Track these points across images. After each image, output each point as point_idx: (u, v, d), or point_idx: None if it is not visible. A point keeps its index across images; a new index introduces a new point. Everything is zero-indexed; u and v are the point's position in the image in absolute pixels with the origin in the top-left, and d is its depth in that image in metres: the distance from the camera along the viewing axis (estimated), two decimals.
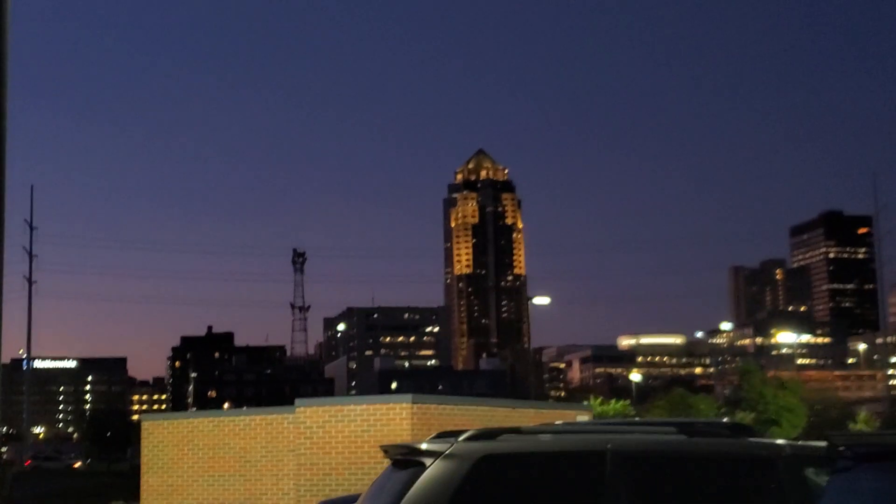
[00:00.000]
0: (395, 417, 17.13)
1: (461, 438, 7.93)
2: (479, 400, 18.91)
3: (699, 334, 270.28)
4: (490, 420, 18.66)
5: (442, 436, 8.53)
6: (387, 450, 8.58)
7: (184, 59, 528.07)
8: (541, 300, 58.58)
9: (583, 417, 20.89)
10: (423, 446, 8.02)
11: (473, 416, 18.31)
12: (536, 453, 7.76)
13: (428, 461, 7.76)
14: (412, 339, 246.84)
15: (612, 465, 7.52)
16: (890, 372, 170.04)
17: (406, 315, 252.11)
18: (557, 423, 11.72)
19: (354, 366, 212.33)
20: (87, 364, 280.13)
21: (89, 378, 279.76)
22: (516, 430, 8.13)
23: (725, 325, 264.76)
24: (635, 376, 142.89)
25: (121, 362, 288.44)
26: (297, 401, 18.34)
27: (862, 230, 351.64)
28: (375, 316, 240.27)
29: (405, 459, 8.18)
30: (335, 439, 17.61)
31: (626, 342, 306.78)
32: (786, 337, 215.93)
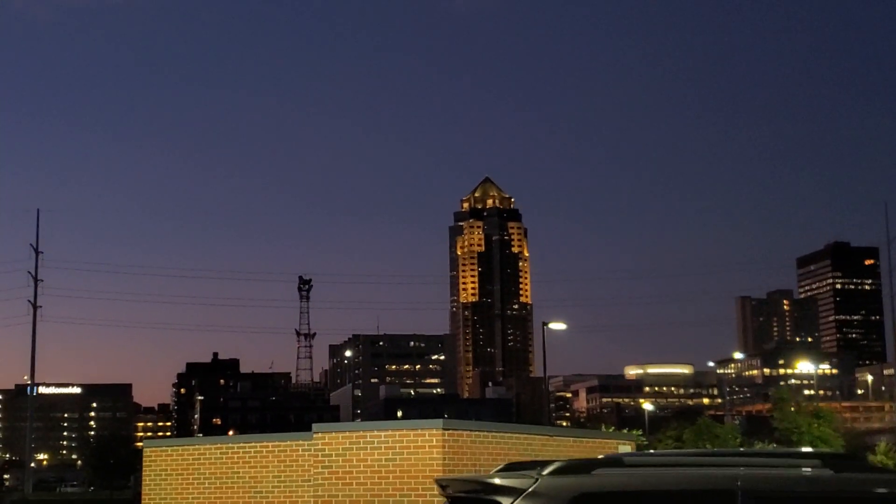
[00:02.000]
0: (423, 445, 15.42)
1: (546, 472, 6.23)
2: (514, 427, 17.19)
3: (710, 364, 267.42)
4: (527, 450, 16.98)
5: (512, 468, 6.80)
6: (445, 484, 6.87)
7: (194, 81, 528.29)
8: (557, 325, 56.93)
9: (625, 448, 19.18)
10: (498, 481, 6.33)
11: (509, 444, 16.62)
12: (647, 493, 6.02)
13: (505, 501, 6.07)
14: (417, 366, 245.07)
15: None
16: None
17: (412, 343, 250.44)
18: (652, 451, 9.97)
19: (360, 393, 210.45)
20: (91, 390, 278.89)
21: (94, 404, 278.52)
22: (616, 462, 6.40)
23: (738, 355, 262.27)
24: (648, 406, 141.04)
25: (126, 388, 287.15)
26: (314, 426, 16.64)
27: (868, 261, 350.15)
28: (381, 343, 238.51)
29: (471, 498, 6.49)
30: (357, 469, 15.90)
31: (632, 372, 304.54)
32: (805, 366, 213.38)
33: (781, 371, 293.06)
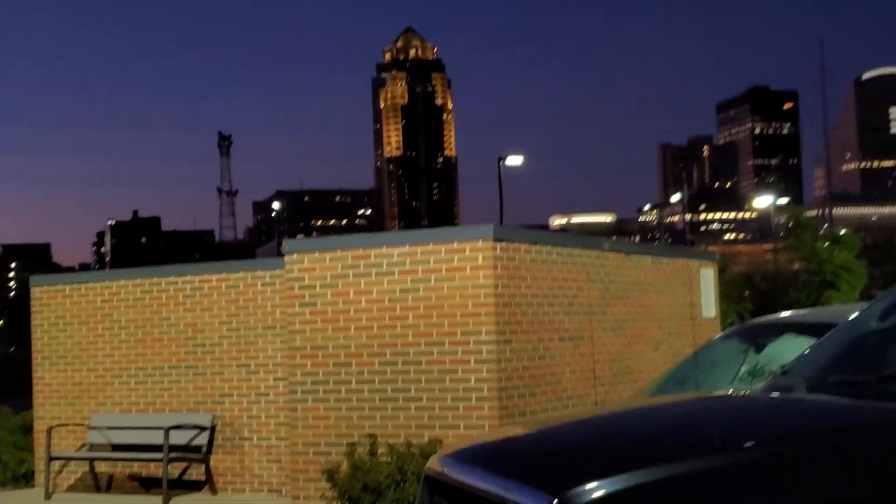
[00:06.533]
0: (463, 265, 9.83)
1: None
2: (583, 241, 11.73)
3: (647, 207, 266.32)
4: (601, 270, 11.51)
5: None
6: None
7: None
8: (514, 159, 51.32)
9: (707, 271, 13.86)
10: None
11: (578, 264, 11.12)
12: None
13: None
14: (344, 221, 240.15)
15: None
16: None
17: (337, 198, 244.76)
18: None
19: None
20: (9, 250, 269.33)
21: (12, 265, 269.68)
22: None
23: (675, 197, 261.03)
24: None
25: (44, 248, 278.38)
26: (285, 244, 10.92)
27: (787, 105, 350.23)
28: (306, 199, 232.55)
29: None
30: (354, 306, 10.30)
31: (557, 222, 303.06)
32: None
33: (703, 216, 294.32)
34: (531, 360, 10.23)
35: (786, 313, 7.74)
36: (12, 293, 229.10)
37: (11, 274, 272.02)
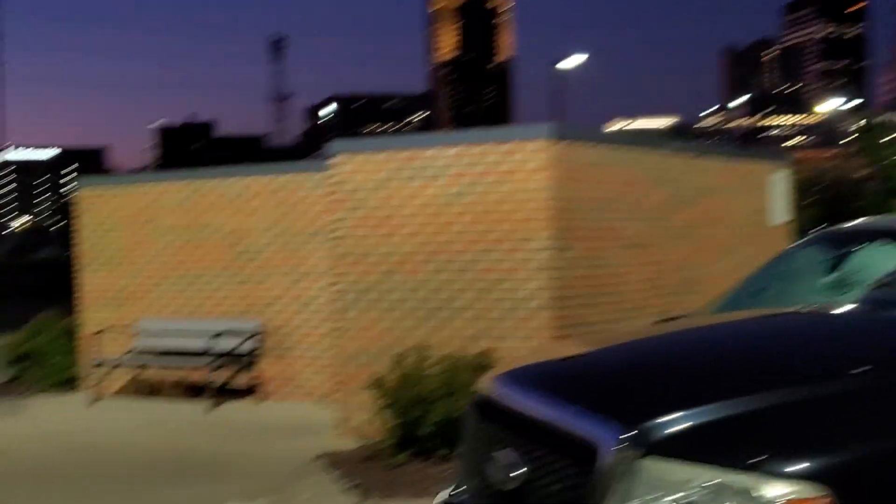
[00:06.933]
0: (519, 167, 9.21)
1: None
2: (645, 140, 10.99)
3: (712, 108, 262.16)
4: (665, 175, 10.84)
5: None
6: None
7: None
8: (573, 60, 49.84)
9: (778, 174, 13.11)
10: None
11: (643, 167, 10.45)
12: None
13: None
14: (397, 127, 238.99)
15: None
16: None
17: (390, 102, 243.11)
18: None
19: None
20: (67, 154, 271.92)
21: (70, 168, 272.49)
22: None
23: (734, 103, 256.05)
24: None
25: (100, 153, 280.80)
26: (330, 146, 10.36)
27: (854, 7, 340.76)
28: (360, 103, 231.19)
29: None
30: (404, 210, 9.75)
31: (618, 126, 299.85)
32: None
33: (765, 121, 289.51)
34: (590, 268, 9.64)
35: (873, 218, 7.03)
36: (68, 197, 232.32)
37: (69, 177, 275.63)
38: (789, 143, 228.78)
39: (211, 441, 10.27)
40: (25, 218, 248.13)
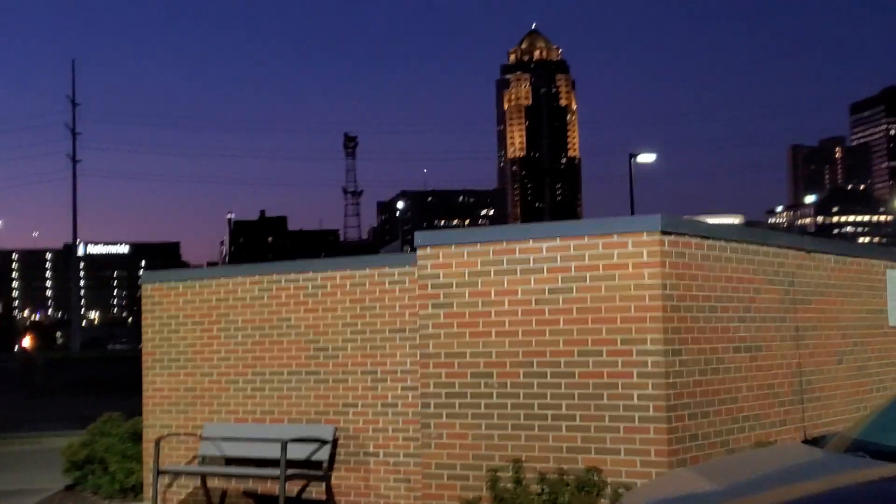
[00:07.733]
0: (625, 261, 8.36)
1: None
2: (759, 235, 10.09)
3: (779, 209, 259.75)
4: (780, 269, 9.90)
5: None
6: None
7: None
8: (646, 157, 49.42)
9: (893, 271, 12.09)
10: None
11: (755, 263, 9.54)
12: None
13: None
14: (467, 222, 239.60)
15: None
16: None
17: (461, 198, 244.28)
18: None
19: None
20: (139, 249, 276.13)
21: (142, 263, 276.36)
22: None
23: (809, 199, 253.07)
24: None
25: (174, 247, 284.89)
26: (417, 236, 9.60)
27: None
28: (430, 199, 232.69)
29: None
30: (497, 307, 8.92)
31: None
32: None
33: (835, 219, 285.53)
34: (703, 374, 8.69)
35: None
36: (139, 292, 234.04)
37: (141, 272, 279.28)
38: (860, 240, 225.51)
39: None
40: (98, 313, 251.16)
